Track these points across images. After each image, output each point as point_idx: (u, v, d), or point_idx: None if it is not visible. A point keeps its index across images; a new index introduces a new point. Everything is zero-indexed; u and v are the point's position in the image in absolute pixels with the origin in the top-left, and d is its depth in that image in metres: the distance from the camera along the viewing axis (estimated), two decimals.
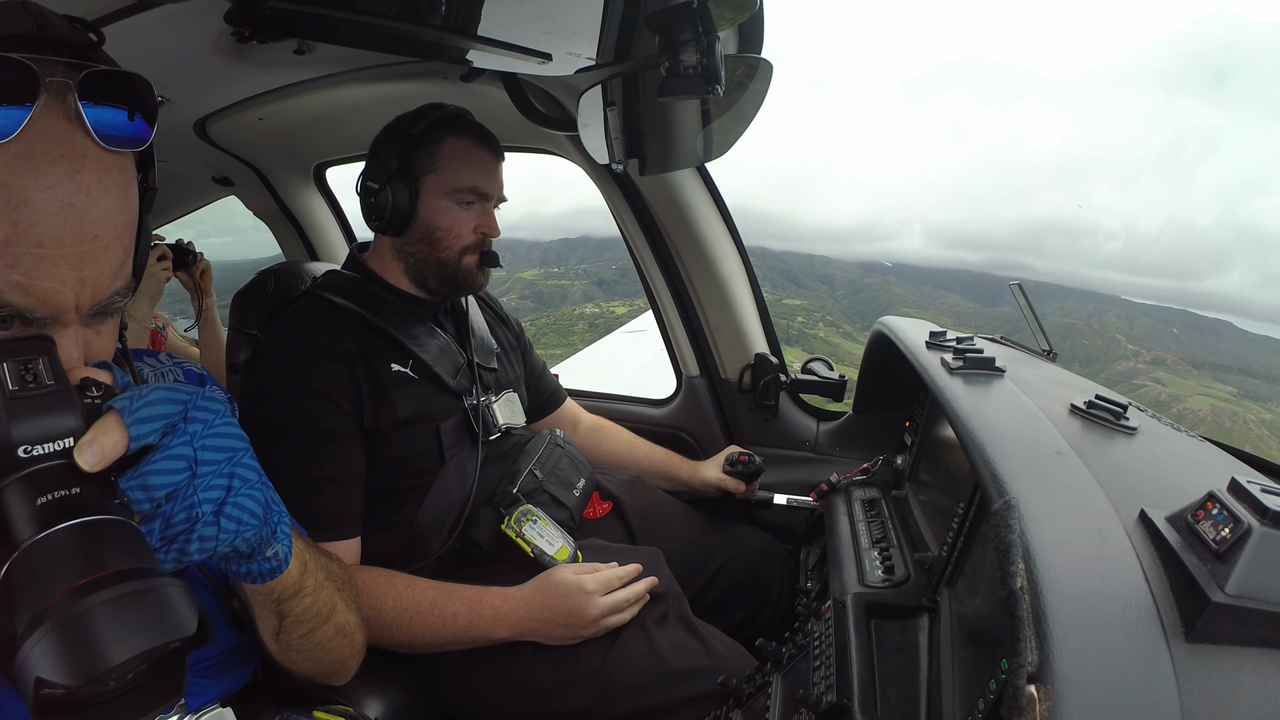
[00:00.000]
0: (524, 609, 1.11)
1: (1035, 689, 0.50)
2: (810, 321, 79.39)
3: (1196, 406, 56.95)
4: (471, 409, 1.27)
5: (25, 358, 0.46)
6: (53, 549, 0.41)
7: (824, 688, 0.83)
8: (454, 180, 1.20)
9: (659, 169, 1.41)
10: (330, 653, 0.78)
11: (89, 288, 0.52)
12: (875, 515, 1.25)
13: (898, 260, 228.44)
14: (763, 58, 1.14)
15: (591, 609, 1.10)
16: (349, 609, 0.81)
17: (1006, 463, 0.75)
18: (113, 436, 0.46)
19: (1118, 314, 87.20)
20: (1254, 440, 53.27)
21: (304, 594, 0.70)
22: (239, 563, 0.59)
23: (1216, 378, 72.86)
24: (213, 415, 0.51)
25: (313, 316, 1.19)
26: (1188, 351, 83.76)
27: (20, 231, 0.48)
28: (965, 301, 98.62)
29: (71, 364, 0.52)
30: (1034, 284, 61.45)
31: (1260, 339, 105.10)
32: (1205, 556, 0.57)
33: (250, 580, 0.62)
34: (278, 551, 0.61)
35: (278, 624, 0.70)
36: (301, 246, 2.31)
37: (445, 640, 1.10)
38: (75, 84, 0.49)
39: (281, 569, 0.63)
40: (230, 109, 1.62)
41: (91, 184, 0.50)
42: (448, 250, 1.22)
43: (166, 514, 0.49)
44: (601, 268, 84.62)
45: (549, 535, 1.18)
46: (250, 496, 0.53)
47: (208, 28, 1.11)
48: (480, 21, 0.98)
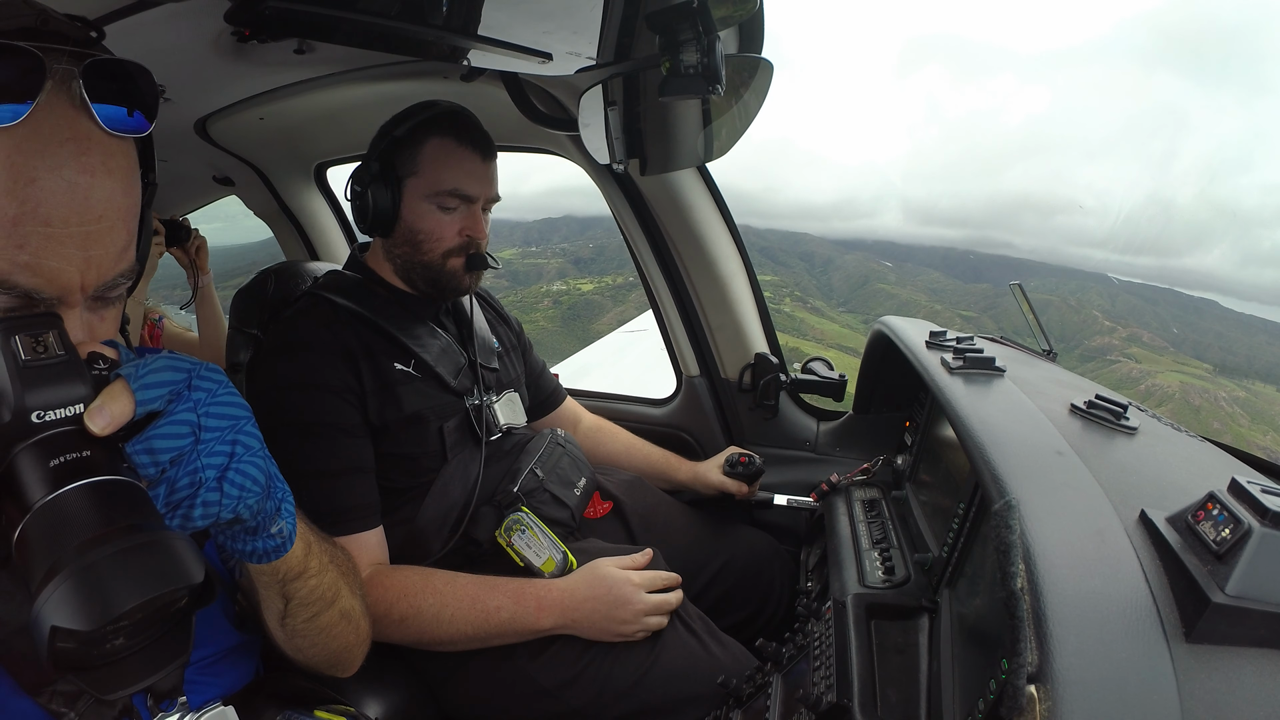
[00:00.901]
0: (570, 598, 1.10)
1: (1035, 689, 0.50)
2: (777, 297, 78.98)
3: (1165, 383, 56.96)
4: (473, 409, 1.27)
5: (36, 330, 0.48)
6: (65, 507, 0.44)
7: (824, 688, 0.84)
8: (435, 183, 1.18)
9: (660, 169, 1.41)
10: (335, 639, 0.79)
11: (94, 268, 0.53)
12: (875, 516, 1.25)
13: (881, 238, 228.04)
14: (763, 57, 1.14)
15: (638, 601, 1.10)
16: (353, 595, 0.82)
17: (1007, 463, 0.75)
18: (120, 402, 0.48)
19: (1100, 292, 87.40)
20: (1224, 418, 53.18)
21: (309, 575, 0.71)
22: (244, 540, 0.61)
23: (1198, 355, 73.07)
24: (216, 385, 0.53)
25: (315, 316, 1.19)
26: (1168, 329, 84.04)
27: (28, 210, 0.49)
28: (946, 278, 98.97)
29: (78, 341, 0.54)
30: (1017, 261, 60.79)
31: (1245, 318, 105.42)
32: (1205, 557, 0.57)
33: (256, 559, 0.63)
34: (282, 529, 0.63)
35: (283, 607, 0.71)
36: (302, 246, 2.31)
37: (488, 634, 1.09)
38: (80, 71, 0.51)
39: (286, 547, 0.64)
40: (231, 108, 1.62)
41: (96, 165, 0.52)
42: (430, 253, 1.21)
43: (171, 479, 0.50)
44: (580, 246, 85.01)
45: (536, 547, 1.17)
46: (253, 463, 0.54)
47: (208, 27, 1.11)
48: (481, 21, 0.98)
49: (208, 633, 0.78)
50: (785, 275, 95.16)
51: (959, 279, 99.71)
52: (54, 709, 0.65)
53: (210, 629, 0.79)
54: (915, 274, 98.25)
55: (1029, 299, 1.43)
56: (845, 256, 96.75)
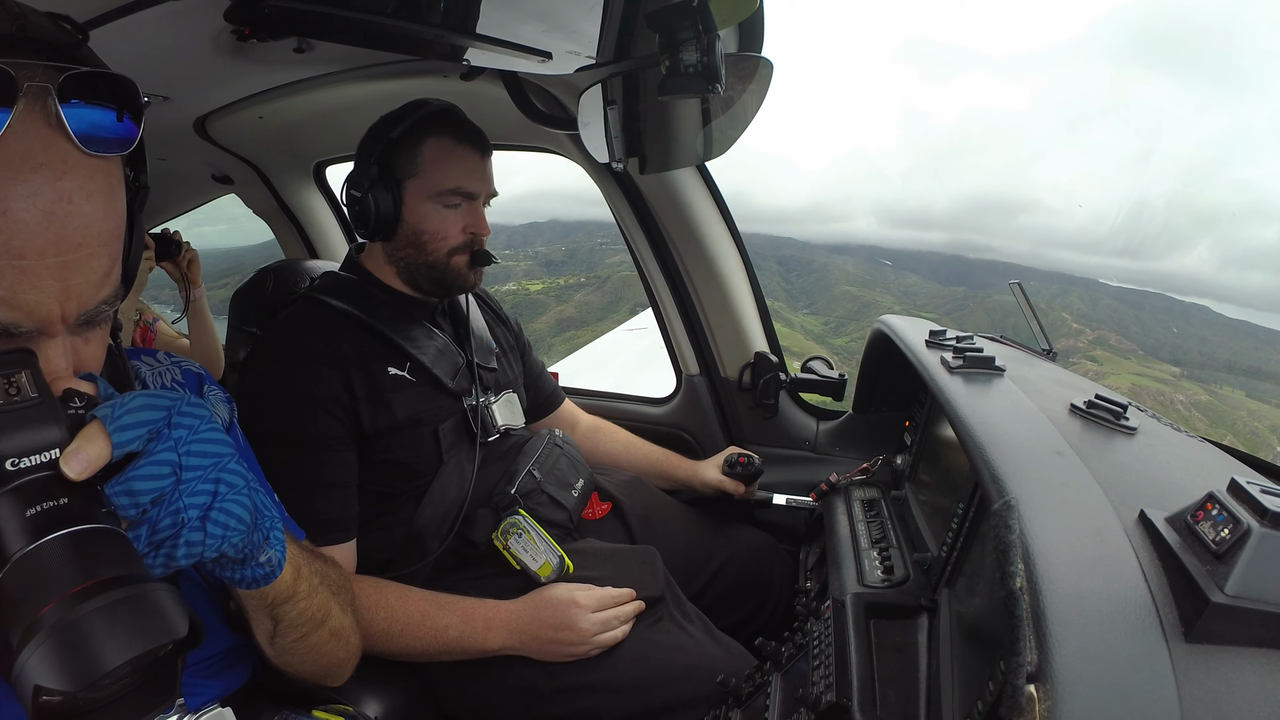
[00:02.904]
0: (516, 620, 1.11)
1: (1034, 689, 0.50)
2: None
3: (1116, 384, 57.40)
4: (470, 410, 1.27)
5: (8, 371, 0.46)
6: (44, 559, 0.42)
7: (823, 687, 0.84)
8: (437, 183, 1.18)
9: (659, 168, 1.41)
10: (325, 656, 0.78)
11: (74, 298, 0.50)
12: (875, 515, 1.25)
13: (867, 243, 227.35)
14: (763, 57, 1.14)
15: (583, 622, 1.09)
16: (344, 613, 0.81)
17: (1006, 463, 0.75)
18: (96, 445, 0.46)
19: (1081, 295, 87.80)
20: (1179, 420, 53.57)
21: (298, 599, 0.70)
22: (231, 569, 0.59)
23: (1176, 359, 73.47)
24: (198, 421, 0.51)
25: (309, 320, 1.19)
26: (1150, 334, 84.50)
27: (0, 243, 0.46)
28: (924, 281, 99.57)
29: (58, 374, 0.52)
30: (1005, 266, 60.83)
31: (1236, 323, 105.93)
32: (1205, 557, 0.57)
33: (244, 586, 0.62)
34: (271, 558, 0.61)
35: (272, 628, 0.71)
36: (301, 244, 2.31)
37: (437, 651, 1.10)
38: (55, 87, 0.47)
39: (275, 575, 0.63)
40: (230, 107, 1.61)
41: (74, 191, 0.49)
42: (435, 253, 1.21)
43: (152, 519, 0.48)
44: (553, 250, 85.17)
45: (533, 550, 1.17)
46: (237, 501, 0.52)
47: (207, 26, 1.11)
48: (480, 20, 0.98)
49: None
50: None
51: (939, 282, 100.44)
52: None
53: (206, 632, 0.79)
54: (892, 277, 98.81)
55: (1028, 298, 1.43)
56: (823, 260, 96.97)
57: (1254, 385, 66.98)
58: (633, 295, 74.75)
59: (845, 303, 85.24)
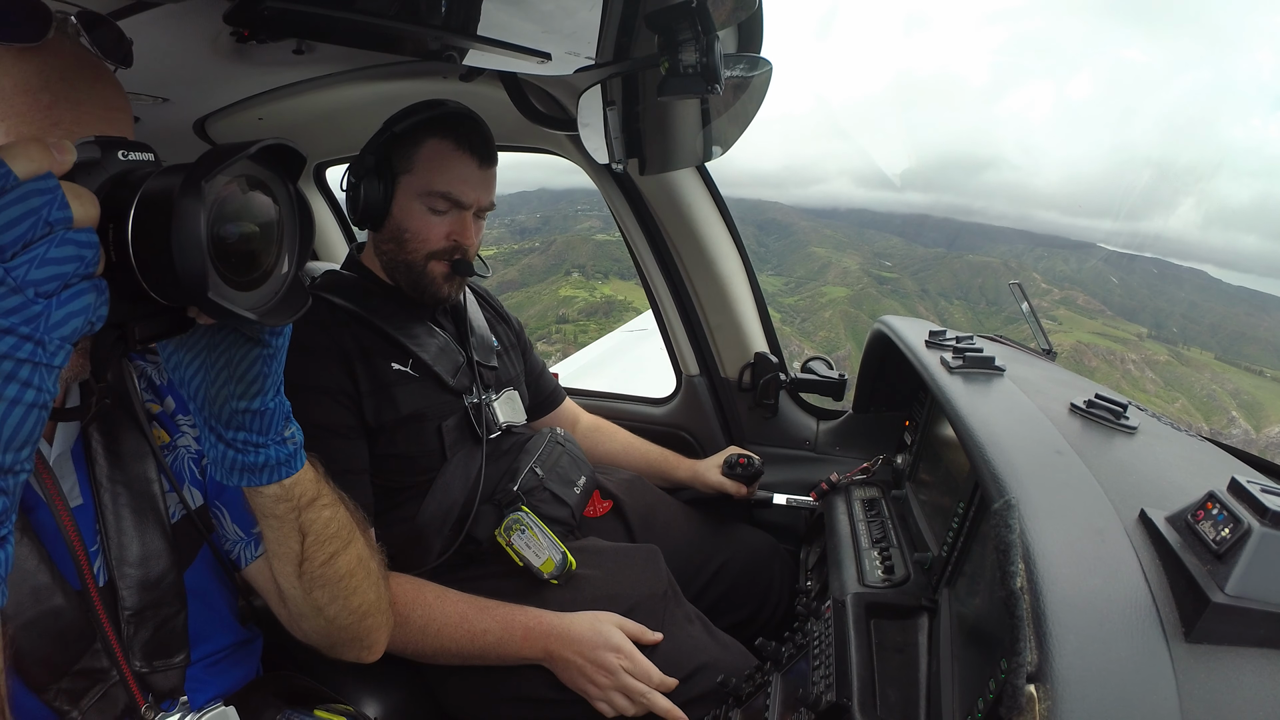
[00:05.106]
0: (560, 635, 1.08)
1: (1035, 689, 0.50)
2: None
3: (1064, 340, 57.02)
4: (472, 407, 1.27)
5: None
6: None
7: (823, 687, 0.84)
8: (427, 184, 1.17)
9: (659, 169, 1.41)
10: (356, 593, 0.78)
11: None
12: (875, 515, 1.25)
13: (856, 206, 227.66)
14: (762, 57, 1.14)
15: (619, 675, 1.05)
16: (367, 545, 0.81)
17: (1006, 462, 0.75)
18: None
19: (1066, 258, 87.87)
20: (1130, 380, 52.67)
21: (323, 501, 0.72)
22: (254, 451, 0.63)
23: (1155, 324, 73.53)
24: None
25: (312, 315, 1.19)
26: (1135, 296, 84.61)
27: (60, 96, 0.58)
28: (905, 244, 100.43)
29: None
30: (994, 229, 60.45)
31: (1233, 289, 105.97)
32: (1205, 557, 0.57)
33: (269, 475, 0.65)
34: (294, 435, 0.66)
35: (300, 547, 0.71)
36: None
37: (470, 655, 1.08)
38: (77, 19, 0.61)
39: (299, 458, 0.67)
40: (230, 109, 1.61)
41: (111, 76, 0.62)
42: (414, 253, 1.20)
43: None
44: (528, 217, 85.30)
45: (535, 547, 1.17)
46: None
47: (207, 28, 1.11)
48: (479, 21, 0.98)
49: (213, 628, 0.79)
50: None
51: (923, 244, 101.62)
52: (58, 706, 0.65)
53: (215, 624, 0.79)
54: (870, 239, 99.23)
55: (1028, 298, 1.43)
56: (801, 223, 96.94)
57: (1234, 349, 66.62)
58: (574, 257, 74.28)
59: (809, 263, 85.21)
